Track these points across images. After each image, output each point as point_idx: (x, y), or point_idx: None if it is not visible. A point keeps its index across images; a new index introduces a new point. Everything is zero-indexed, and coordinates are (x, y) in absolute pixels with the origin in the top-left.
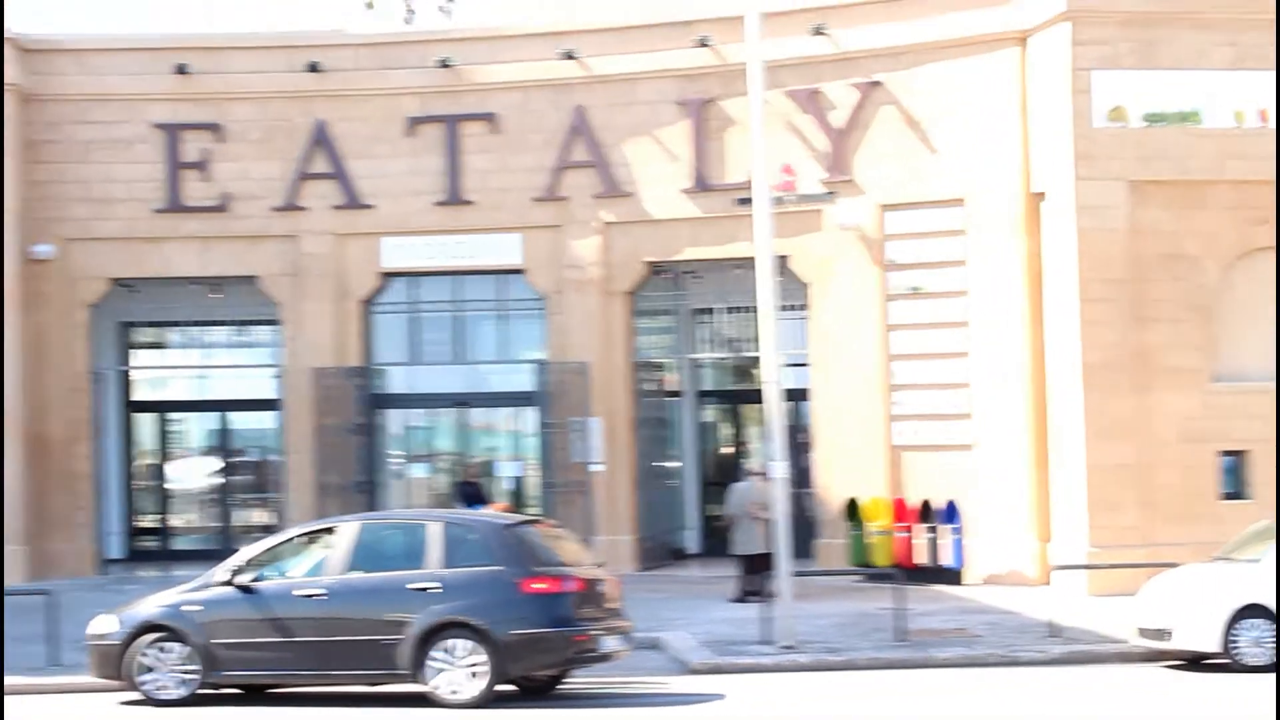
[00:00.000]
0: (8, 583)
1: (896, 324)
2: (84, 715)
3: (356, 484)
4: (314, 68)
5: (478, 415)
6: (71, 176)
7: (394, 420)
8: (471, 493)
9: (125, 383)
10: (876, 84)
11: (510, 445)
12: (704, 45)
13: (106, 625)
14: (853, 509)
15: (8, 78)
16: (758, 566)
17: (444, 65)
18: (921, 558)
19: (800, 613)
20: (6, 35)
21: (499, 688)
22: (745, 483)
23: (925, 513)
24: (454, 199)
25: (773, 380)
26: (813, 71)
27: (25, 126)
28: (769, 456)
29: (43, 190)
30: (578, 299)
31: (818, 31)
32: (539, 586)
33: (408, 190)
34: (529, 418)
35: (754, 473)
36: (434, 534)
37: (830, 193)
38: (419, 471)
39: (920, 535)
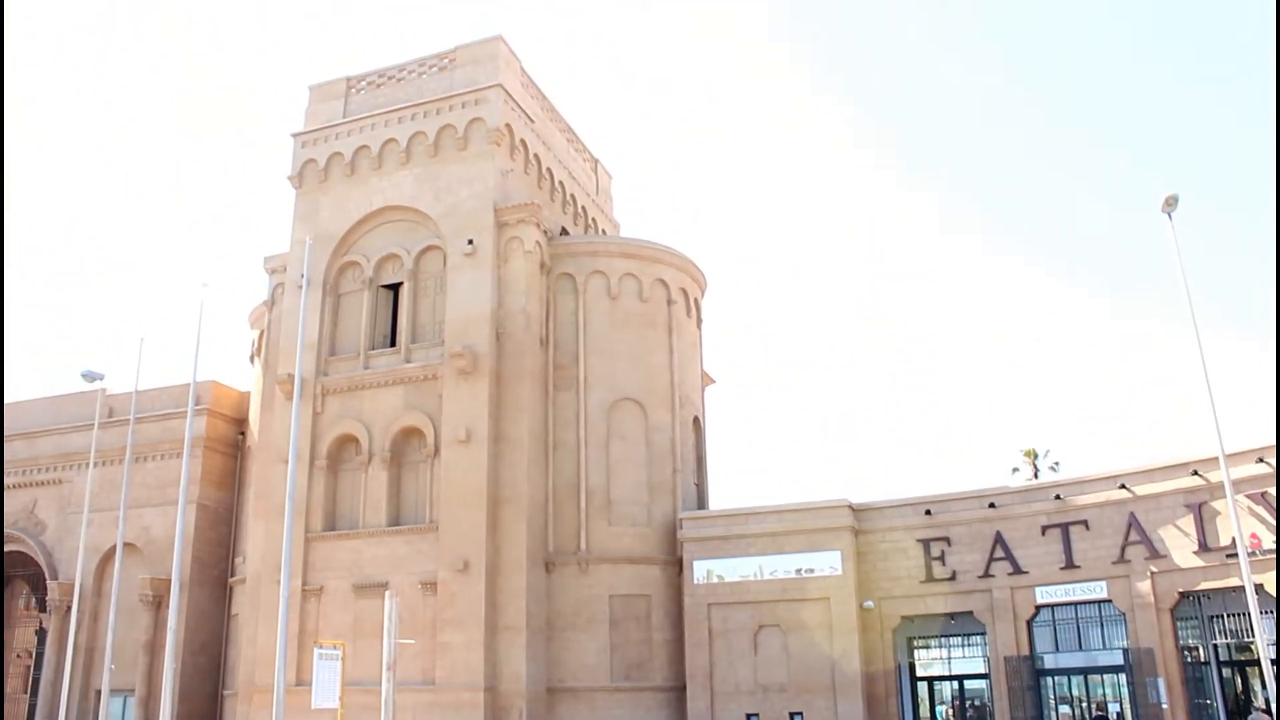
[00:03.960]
0: None
1: None
2: None
3: None
4: None
5: None
6: (881, 569)
7: None
8: None
9: (912, 666)
10: None
11: None
12: None
13: None
14: None
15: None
16: None
17: None
18: None
19: None
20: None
21: None
22: (1254, 715)
23: None
24: None
25: (1266, 656)
26: None
27: (859, 536)
28: (1267, 702)
29: (866, 577)
30: None
31: None
32: None
33: None
34: None
35: (1260, 709)
36: None
37: None
38: None
39: None
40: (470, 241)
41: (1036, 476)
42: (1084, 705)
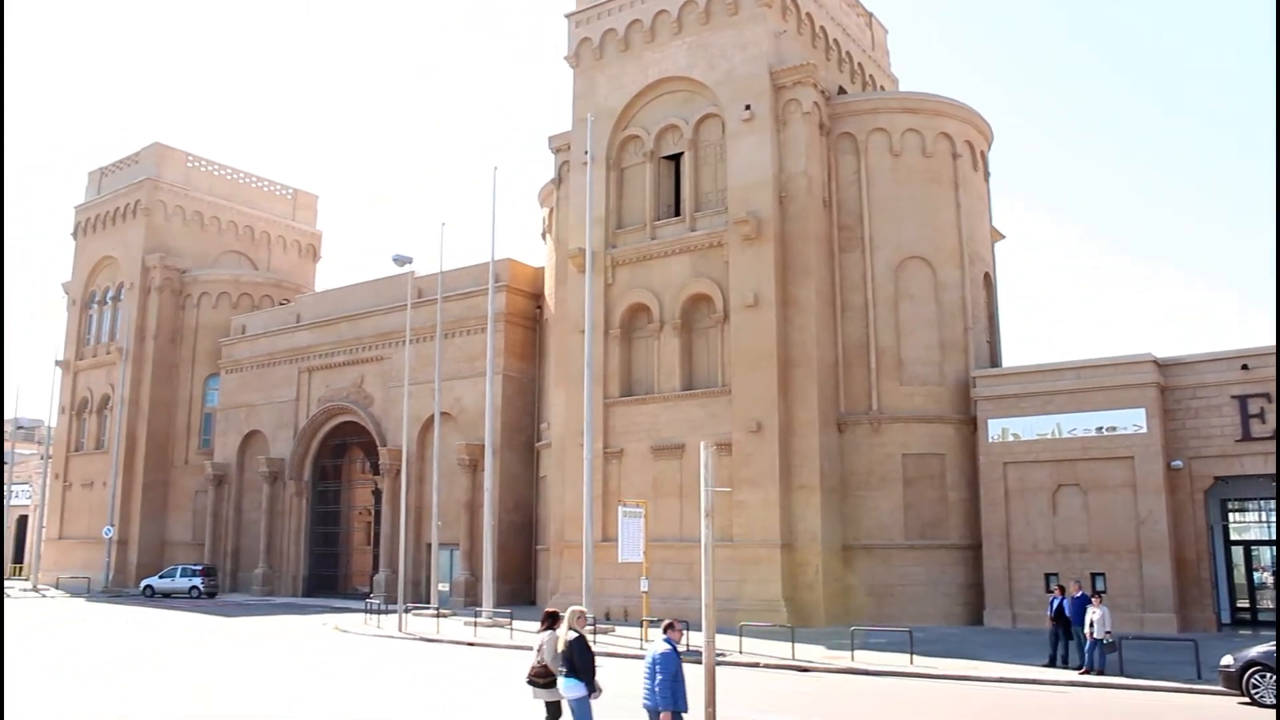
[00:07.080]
0: (1170, 633)
1: None
2: (1220, 708)
3: None
4: None
5: None
6: (1190, 428)
7: None
8: None
9: (1226, 529)
10: None
11: None
12: None
13: (1228, 660)
14: None
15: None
16: None
17: None
18: None
19: None
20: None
21: None
22: None
23: None
24: None
25: None
26: None
27: (1165, 393)
28: None
29: (1174, 435)
30: None
31: None
32: None
33: None
34: None
35: None
36: None
37: None
38: None
39: None
40: (747, 107)
41: None
42: None
